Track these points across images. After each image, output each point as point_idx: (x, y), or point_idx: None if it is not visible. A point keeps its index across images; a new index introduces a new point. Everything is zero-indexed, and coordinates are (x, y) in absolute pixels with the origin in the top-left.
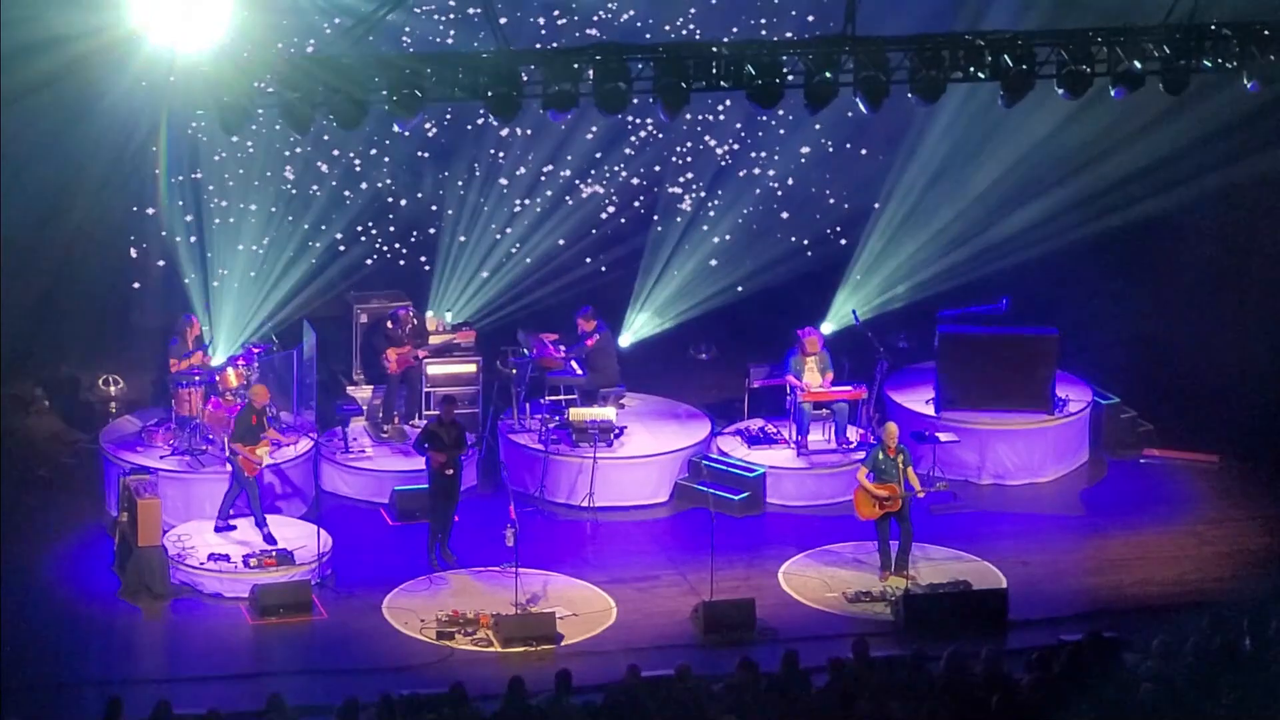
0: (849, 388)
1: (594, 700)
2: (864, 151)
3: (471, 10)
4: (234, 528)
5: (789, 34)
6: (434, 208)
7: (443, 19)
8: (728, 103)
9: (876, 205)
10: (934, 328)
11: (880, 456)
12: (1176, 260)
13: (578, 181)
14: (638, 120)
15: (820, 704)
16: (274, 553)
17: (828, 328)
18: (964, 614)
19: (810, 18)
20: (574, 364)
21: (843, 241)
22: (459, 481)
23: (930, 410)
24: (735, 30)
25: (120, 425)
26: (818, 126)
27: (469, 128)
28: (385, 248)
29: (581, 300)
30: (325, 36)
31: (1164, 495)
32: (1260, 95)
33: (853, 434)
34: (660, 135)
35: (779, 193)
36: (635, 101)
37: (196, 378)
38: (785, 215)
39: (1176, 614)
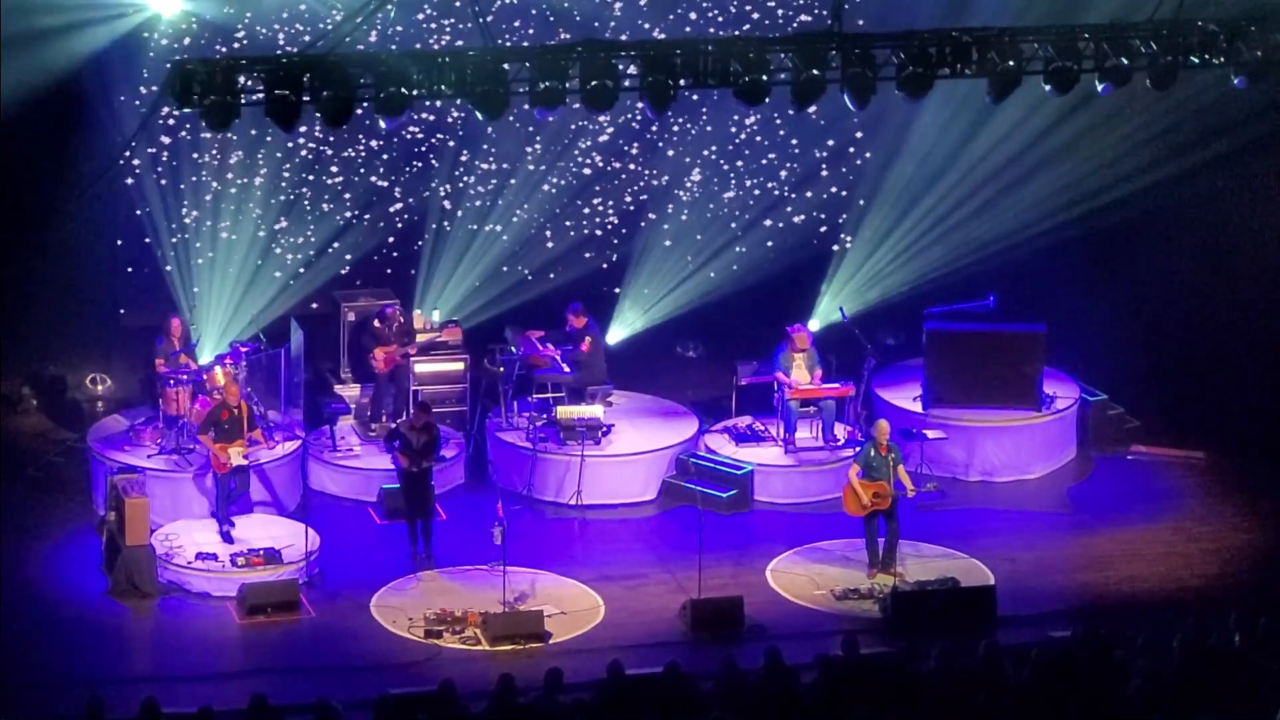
0: (836, 385)
1: (583, 699)
2: (852, 148)
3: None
4: (234, 524)
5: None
6: (421, 201)
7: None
8: (715, 96)
9: (863, 202)
10: (921, 324)
11: (872, 454)
12: (1163, 256)
13: (568, 175)
14: (627, 117)
15: (809, 701)
16: (262, 552)
17: (814, 324)
18: (952, 611)
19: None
20: (559, 360)
21: (831, 236)
22: (429, 477)
23: (918, 407)
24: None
25: (108, 424)
26: (806, 121)
27: (458, 122)
28: (373, 245)
29: (569, 297)
30: (312, 34)
31: (1151, 492)
32: (1245, 92)
33: (840, 431)
34: (651, 131)
35: (768, 186)
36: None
37: (184, 376)
38: (773, 210)
39: (1164, 611)
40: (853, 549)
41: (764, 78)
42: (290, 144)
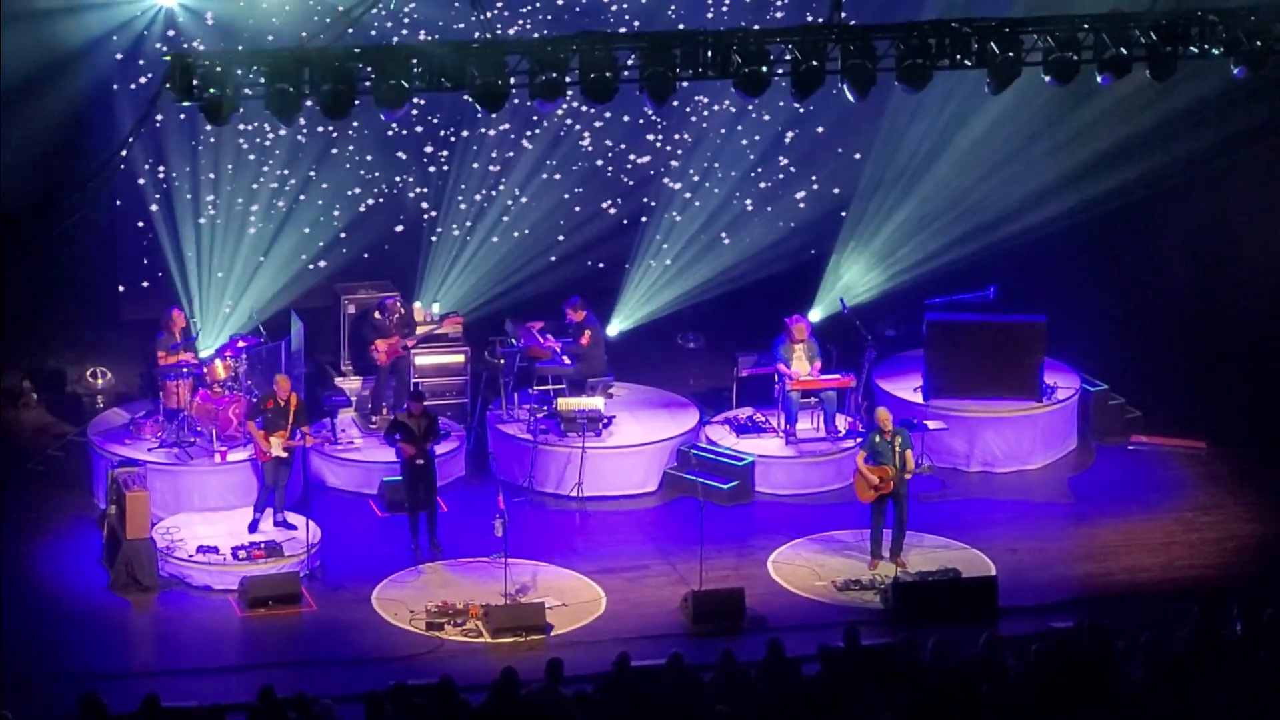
0: (837, 376)
1: (584, 690)
2: (853, 136)
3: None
4: (291, 525)
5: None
6: (425, 190)
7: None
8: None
9: (863, 191)
10: (922, 315)
11: (877, 440)
12: (1164, 245)
13: (568, 167)
14: (627, 107)
15: (811, 693)
16: (263, 545)
17: (815, 315)
18: (953, 602)
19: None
20: (559, 351)
21: (830, 227)
22: (433, 470)
23: (919, 398)
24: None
25: (108, 418)
26: (804, 111)
27: (458, 114)
28: (374, 238)
29: (570, 289)
30: (312, 27)
31: (1152, 482)
32: (1246, 79)
33: (841, 422)
34: (649, 121)
35: (767, 178)
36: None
37: (185, 370)
38: (774, 200)
39: (1166, 601)
40: (855, 540)
41: (764, 69)
42: (290, 136)
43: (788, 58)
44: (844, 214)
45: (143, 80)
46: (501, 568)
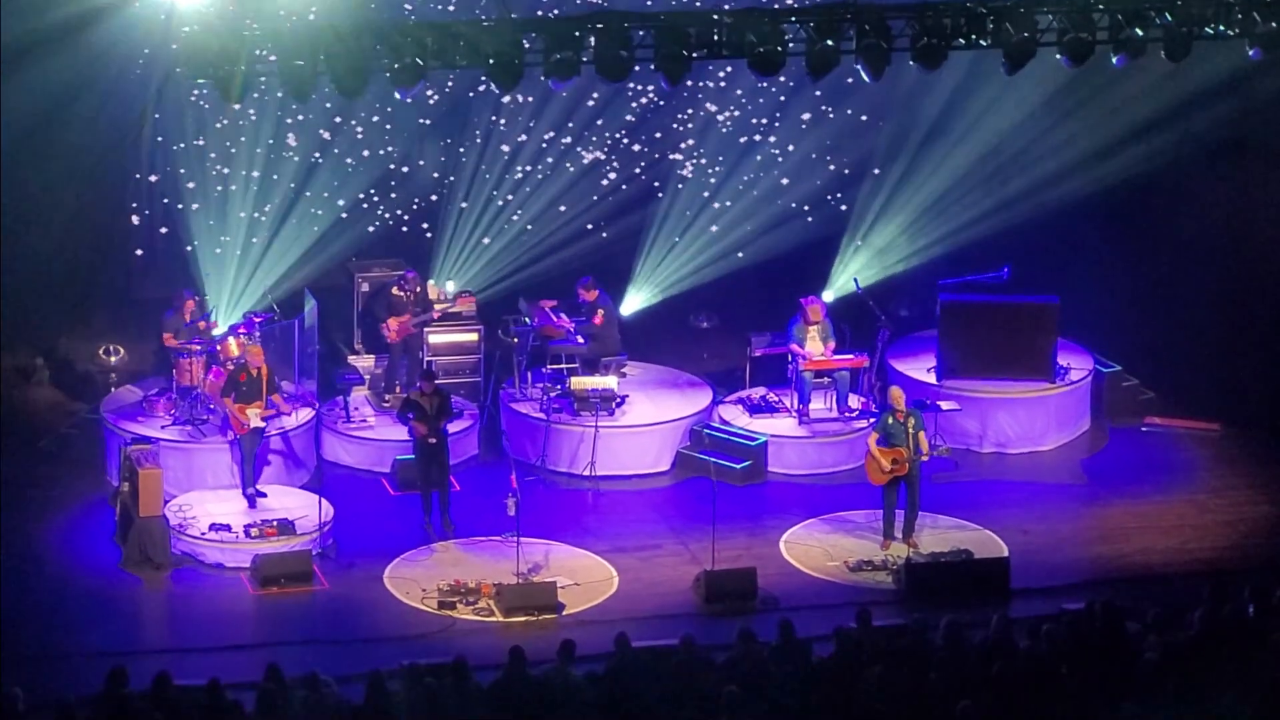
0: (850, 356)
1: (595, 670)
2: (864, 117)
3: None
4: (264, 494)
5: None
6: (436, 175)
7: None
8: (729, 69)
9: (876, 171)
10: (935, 296)
11: (890, 421)
12: (1177, 227)
13: (579, 148)
14: (640, 87)
15: (825, 673)
16: (275, 523)
17: (829, 296)
18: (965, 583)
19: None
20: (573, 330)
21: (843, 208)
22: (445, 449)
23: (932, 379)
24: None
25: (121, 395)
26: (818, 93)
27: (471, 94)
28: (388, 215)
29: (583, 269)
30: (327, 4)
31: (1165, 463)
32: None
33: (854, 402)
34: (663, 102)
35: (780, 158)
36: (637, 69)
37: (197, 347)
38: (786, 181)
39: (1178, 582)
40: (867, 520)
41: (779, 49)
42: (306, 112)
43: (803, 37)
44: (858, 195)
45: (156, 58)
46: (514, 547)
